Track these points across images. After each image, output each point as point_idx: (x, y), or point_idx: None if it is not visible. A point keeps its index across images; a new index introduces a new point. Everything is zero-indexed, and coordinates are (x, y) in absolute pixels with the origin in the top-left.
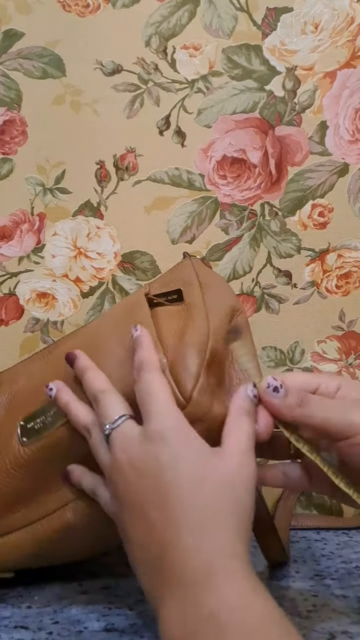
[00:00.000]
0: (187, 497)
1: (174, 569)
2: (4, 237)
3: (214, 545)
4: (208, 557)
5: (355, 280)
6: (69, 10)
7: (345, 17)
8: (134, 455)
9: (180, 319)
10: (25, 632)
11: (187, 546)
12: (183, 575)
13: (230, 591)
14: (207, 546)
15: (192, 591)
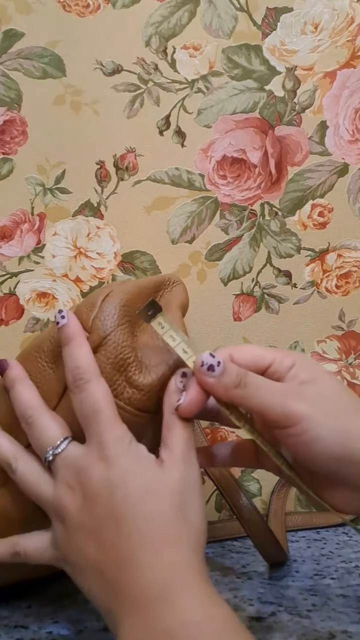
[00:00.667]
0: (139, 512)
1: (129, 587)
2: (4, 237)
3: (167, 559)
4: (162, 572)
5: (355, 280)
6: (69, 11)
7: (345, 17)
8: (84, 480)
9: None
10: (25, 631)
11: (141, 562)
12: (138, 592)
13: (185, 606)
14: (161, 561)
15: (147, 608)
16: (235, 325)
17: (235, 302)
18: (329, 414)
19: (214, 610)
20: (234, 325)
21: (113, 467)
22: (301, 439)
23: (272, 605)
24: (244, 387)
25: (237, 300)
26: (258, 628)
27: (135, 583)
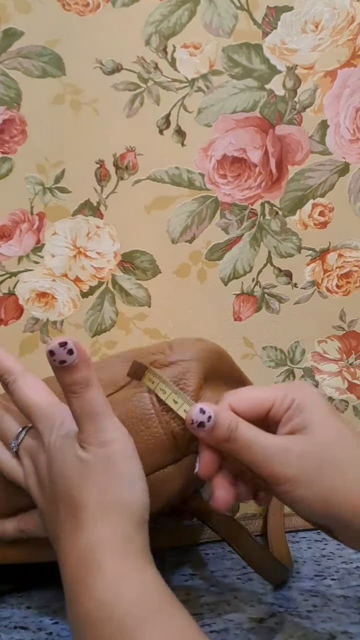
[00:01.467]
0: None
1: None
2: (3, 237)
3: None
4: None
5: (356, 279)
6: (68, 9)
7: (345, 16)
8: (35, 463)
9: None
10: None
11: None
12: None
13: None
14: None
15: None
16: (235, 325)
17: (236, 301)
18: (313, 474)
19: (128, 583)
20: (234, 325)
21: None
22: (287, 497)
23: (273, 606)
24: (233, 442)
25: (237, 300)
26: (259, 629)
27: (62, 566)
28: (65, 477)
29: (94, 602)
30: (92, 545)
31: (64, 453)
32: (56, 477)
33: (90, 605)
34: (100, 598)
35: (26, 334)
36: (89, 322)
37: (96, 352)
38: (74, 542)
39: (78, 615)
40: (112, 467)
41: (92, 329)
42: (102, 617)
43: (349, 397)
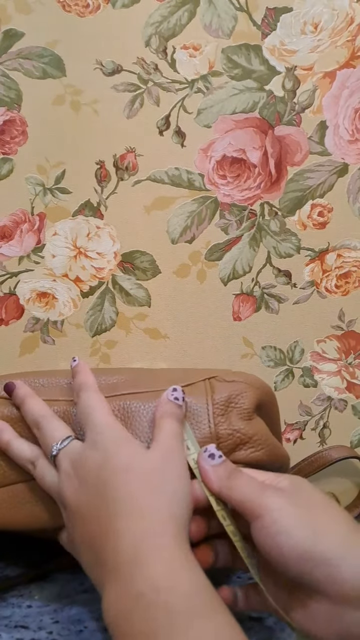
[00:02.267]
0: (119, 487)
1: (110, 554)
2: (4, 237)
3: (142, 526)
4: (136, 537)
5: (355, 280)
6: (68, 10)
7: (344, 17)
8: (79, 466)
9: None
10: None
11: (118, 530)
12: (115, 558)
13: (155, 570)
14: (136, 527)
15: (123, 573)
16: (235, 325)
17: (235, 302)
18: (299, 507)
19: (183, 574)
20: (233, 325)
21: (98, 450)
22: (271, 530)
23: None
24: (233, 479)
25: (237, 300)
26: (258, 628)
27: (113, 550)
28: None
29: (149, 586)
30: (150, 529)
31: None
32: (108, 472)
33: (145, 587)
34: (157, 583)
35: (27, 334)
36: (89, 322)
37: (96, 351)
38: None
39: (128, 595)
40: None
41: (92, 329)
42: (156, 602)
43: (347, 396)
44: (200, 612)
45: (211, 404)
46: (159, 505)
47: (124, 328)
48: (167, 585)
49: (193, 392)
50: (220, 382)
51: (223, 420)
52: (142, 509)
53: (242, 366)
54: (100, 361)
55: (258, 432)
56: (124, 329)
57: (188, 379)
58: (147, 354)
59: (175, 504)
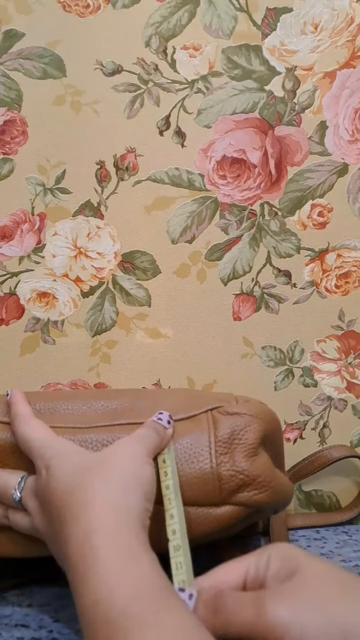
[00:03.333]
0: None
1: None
2: (5, 237)
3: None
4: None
5: (355, 279)
6: (69, 11)
7: (345, 17)
8: (38, 496)
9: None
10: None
11: (66, 542)
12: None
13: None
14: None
15: (75, 588)
16: (235, 325)
17: (235, 301)
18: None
19: (121, 578)
20: (233, 325)
21: (49, 471)
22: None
23: None
24: (221, 613)
25: (237, 300)
26: None
27: (69, 568)
28: (69, 475)
29: (90, 599)
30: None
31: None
32: (59, 480)
33: (87, 602)
34: (95, 595)
35: (27, 334)
36: (89, 322)
37: (96, 351)
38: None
39: (80, 612)
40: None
41: (92, 329)
42: (97, 618)
43: (347, 396)
44: (143, 615)
45: (214, 442)
46: (101, 494)
47: (124, 328)
48: (104, 596)
49: (195, 427)
50: (223, 415)
51: (226, 459)
52: (83, 503)
53: (242, 366)
54: (101, 361)
55: (262, 473)
56: (124, 329)
57: (190, 408)
58: (147, 354)
59: (123, 488)
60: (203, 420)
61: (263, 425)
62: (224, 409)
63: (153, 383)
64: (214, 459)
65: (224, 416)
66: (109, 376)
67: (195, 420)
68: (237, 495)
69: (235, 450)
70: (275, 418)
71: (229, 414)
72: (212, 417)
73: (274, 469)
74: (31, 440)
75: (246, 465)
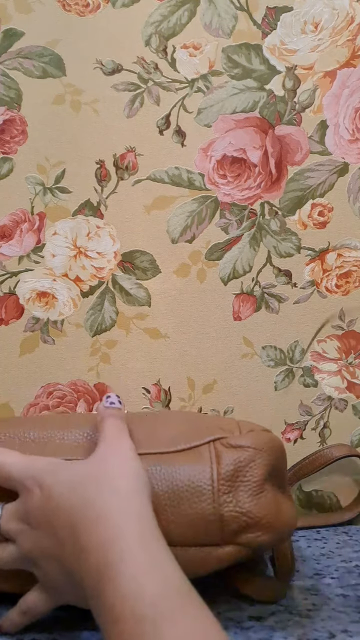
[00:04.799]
0: (69, 508)
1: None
2: (4, 237)
3: (100, 536)
4: (97, 551)
5: (355, 279)
6: (68, 10)
7: (345, 16)
8: (24, 517)
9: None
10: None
11: (83, 550)
12: (87, 575)
13: (121, 579)
14: (96, 540)
15: (96, 587)
16: (235, 324)
17: (235, 301)
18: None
19: (148, 577)
20: (234, 325)
21: (35, 488)
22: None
23: (273, 604)
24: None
25: (237, 299)
26: (258, 628)
27: (86, 573)
28: (70, 490)
29: (116, 596)
30: (109, 540)
31: (64, 473)
32: (61, 496)
33: (113, 598)
34: (123, 591)
35: (27, 334)
36: (89, 322)
37: (96, 351)
38: (91, 540)
39: (104, 609)
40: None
41: (92, 329)
42: (124, 613)
43: (348, 396)
44: (168, 616)
45: (217, 480)
46: (116, 504)
47: (124, 328)
48: (133, 591)
49: (196, 460)
50: (226, 447)
51: (229, 499)
52: (98, 516)
53: (242, 366)
54: (100, 361)
55: (267, 514)
56: (124, 329)
57: (191, 438)
58: (147, 354)
59: (132, 495)
60: (205, 452)
61: (268, 459)
62: (227, 441)
63: (153, 383)
64: (217, 498)
65: (227, 449)
66: (109, 376)
67: (196, 452)
68: (240, 537)
69: (238, 488)
70: (280, 446)
71: (232, 447)
72: (215, 449)
73: (279, 504)
74: (7, 464)
75: (250, 506)
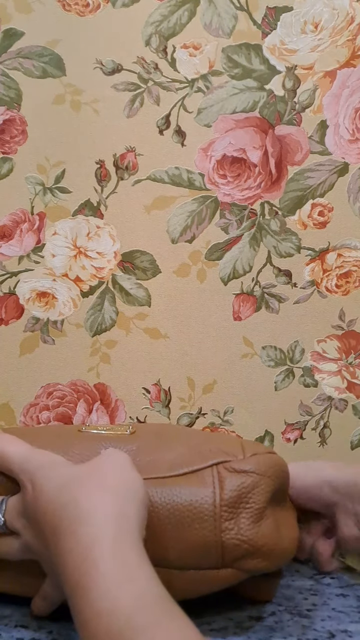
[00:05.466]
0: (54, 510)
1: (66, 583)
2: (4, 237)
3: (81, 539)
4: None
5: (355, 279)
6: (68, 10)
7: (345, 16)
8: (25, 513)
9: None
10: (25, 631)
11: (62, 554)
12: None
13: (96, 594)
14: (76, 545)
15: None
16: (235, 324)
17: (235, 301)
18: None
19: (123, 590)
20: (234, 325)
21: (29, 484)
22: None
23: (272, 604)
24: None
25: (237, 299)
26: (258, 628)
27: (65, 570)
28: (57, 488)
29: (92, 612)
30: (89, 542)
31: (55, 473)
32: (49, 494)
33: (88, 614)
34: (97, 607)
35: (27, 334)
36: (89, 322)
37: (96, 351)
38: (71, 544)
39: (80, 624)
40: (99, 464)
41: (92, 329)
42: (99, 630)
43: (348, 396)
44: (144, 629)
45: (219, 506)
46: (100, 505)
47: (124, 328)
48: (106, 608)
49: (198, 483)
50: (230, 472)
51: (231, 526)
52: (80, 517)
53: (242, 366)
54: (100, 361)
55: (268, 542)
56: (124, 329)
57: (193, 460)
58: (147, 354)
59: (117, 500)
60: (208, 476)
61: (272, 484)
62: (230, 465)
63: (153, 383)
64: (219, 525)
65: (231, 474)
66: (109, 376)
67: (199, 475)
68: (240, 563)
69: (240, 515)
70: (283, 468)
71: (235, 472)
72: (218, 473)
73: (280, 529)
74: (9, 454)
75: (251, 534)
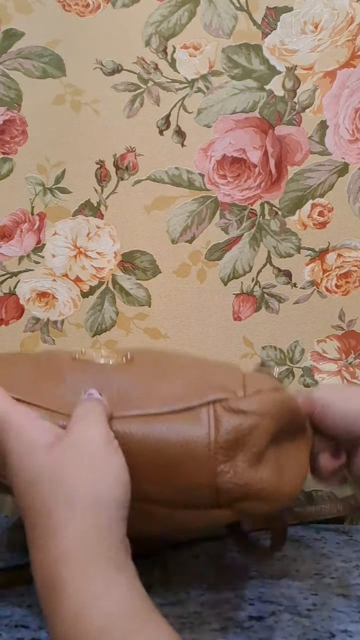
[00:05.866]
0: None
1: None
2: (4, 237)
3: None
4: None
5: (355, 279)
6: (68, 10)
7: (345, 16)
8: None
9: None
10: (25, 631)
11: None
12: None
13: (67, 611)
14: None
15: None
16: (235, 325)
17: (235, 301)
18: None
19: (94, 608)
20: (234, 325)
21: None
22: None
23: (273, 604)
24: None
25: (237, 299)
26: (258, 628)
27: (35, 578)
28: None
29: (60, 633)
30: (57, 556)
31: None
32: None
33: (57, 633)
34: (65, 628)
35: (27, 334)
36: (89, 322)
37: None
38: (42, 553)
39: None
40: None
41: (92, 329)
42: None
43: None
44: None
45: (213, 448)
46: (71, 520)
47: (124, 328)
48: (76, 630)
49: (192, 421)
50: (227, 411)
51: (226, 469)
52: (49, 534)
53: (242, 366)
54: None
55: (266, 487)
56: (124, 329)
57: (188, 396)
58: None
59: (89, 509)
60: (203, 414)
61: (274, 425)
62: (228, 404)
63: None
64: (213, 468)
65: (228, 413)
66: None
67: (193, 413)
68: (236, 505)
69: (237, 457)
70: (290, 406)
71: (233, 412)
72: (215, 412)
73: (282, 472)
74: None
75: (249, 478)
